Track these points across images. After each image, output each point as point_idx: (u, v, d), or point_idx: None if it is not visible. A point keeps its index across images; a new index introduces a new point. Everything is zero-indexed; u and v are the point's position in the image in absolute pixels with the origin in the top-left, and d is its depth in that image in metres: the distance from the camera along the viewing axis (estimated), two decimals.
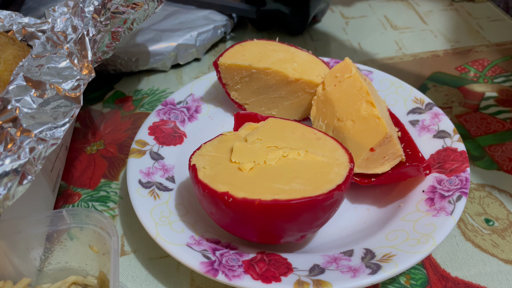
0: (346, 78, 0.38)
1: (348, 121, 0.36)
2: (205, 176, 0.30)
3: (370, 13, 0.63)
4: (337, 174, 0.30)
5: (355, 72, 0.38)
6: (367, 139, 0.35)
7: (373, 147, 0.34)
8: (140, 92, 0.51)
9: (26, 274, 0.31)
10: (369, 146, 0.34)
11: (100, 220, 0.29)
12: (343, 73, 0.39)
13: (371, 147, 0.34)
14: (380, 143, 0.34)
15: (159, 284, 0.33)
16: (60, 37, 0.35)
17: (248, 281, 0.29)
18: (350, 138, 0.36)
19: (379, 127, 0.35)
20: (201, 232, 0.33)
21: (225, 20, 0.57)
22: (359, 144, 0.35)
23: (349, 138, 0.36)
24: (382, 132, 0.34)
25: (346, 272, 0.29)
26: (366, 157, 0.35)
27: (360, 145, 0.35)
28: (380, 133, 0.34)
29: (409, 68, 0.53)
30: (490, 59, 0.53)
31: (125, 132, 0.46)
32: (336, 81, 0.38)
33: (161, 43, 0.53)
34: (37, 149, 0.28)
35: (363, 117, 0.36)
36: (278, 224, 0.29)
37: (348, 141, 0.36)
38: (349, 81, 0.38)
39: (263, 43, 0.43)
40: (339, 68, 0.39)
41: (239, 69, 0.41)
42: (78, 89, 0.32)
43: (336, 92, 0.38)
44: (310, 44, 0.58)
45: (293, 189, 0.29)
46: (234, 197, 0.28)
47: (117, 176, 0.42)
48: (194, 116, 0.44)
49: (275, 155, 0.31)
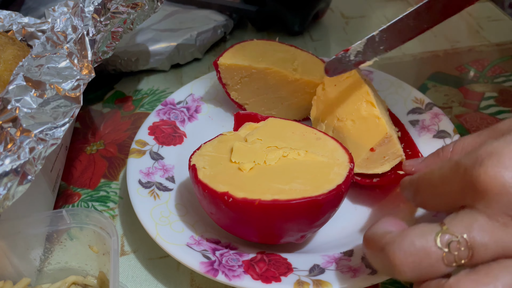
0: (346, 78, 0.38)
1: (348, 121, 0.36)
2: (205, 176, 0.30)
3: (370, 13, 0.63)
4: (337, 174, 0.30)
5: (355, 72, 0.38)
6: (367, 139, 0.35)
7: (373, 147, 0.34)
8: (140, 92, 0.51)
9: (26, 274, 0.31)
10: (369, 146, 0.34)
11: (100, 220, 0.29)
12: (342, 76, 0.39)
13: (371, 147, 0.34)
14: (380, 143, 0.34)
15: (159, 284, 0.33)
16: (60, 37, 0.35)
17: (248, 281, 0.29)
18: (350, 138, 0.36)
19: (379, 127, 0.35)
20: (201, 232, 0.33)
21: (225, 20, 0.57)
22: (359, 144, 0.35)
23: (349, 138, 0.36)
24: (382, 132, 0.34)
25: (346, 272, 0.29)
26: (366, 157, 0.35)
27: (360, 145, 0.35)
28: (380, 133, 0.34)
29: (409, 68, 0.53)
30: (490, 59, 0.53)
31: (125, 132, 0.46)
32: (336, 81, 0.38)
33: (161, 43, 0.53)
34: (37, 149, 0.28)
35: (363, 117, 0.35)
36: (278, 224, 0.29)
37: (348, 141, 0.36)
38: (349, 81, 0.38)
39: (263, 43, 0.43)
40: None
41: (239, 69, 0.41)
42: (78, 89, 0.32)
43: (336, 92, 0.38)
44: (310, 44, 0.58)
45: (293, 189, 0.29)
46: (234, 197, 0.28)
47: (117, 176, 0.42)
48: (194, 116, 0.44)
49: (275, 155, 0.31)
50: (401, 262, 0.22)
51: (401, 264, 0.22)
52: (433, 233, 0.22)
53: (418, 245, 0.22)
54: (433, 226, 0.23)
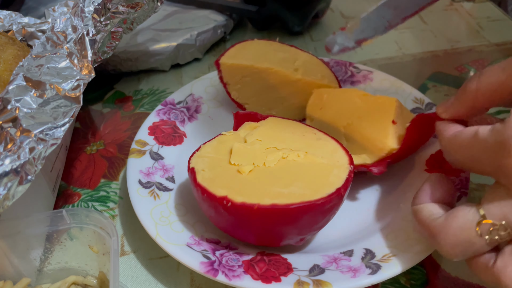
0: (326, 98, 0.39)
1: (354, 121, 0.36)
2: (204, 179, 0.30)
3: None
4: (337, 176, 0.30)
5: (330, 90, 0.39)
6: (382, 119, 0.35)
7: (393, 119, 0.34)
8: (140, 92, 0.51)
9: (26, 274, 0.31)
10: (390, 121, 0.34)
11: (100, 220, 0.29)
12: (320, 97, 0.39)
13: (392, 120, 0.34)
14: (396, 112, 0.34)
15: (159, 284, 0.33)
16: (60, 37, 0.35)
17: (248, 281, 0.29)
18: (365, 132, 0.35)
19: (385, 102, 0.35)
20: (201, 232, 0.33)
21: (225, 20, 0.57)
22: (378, 130, 0.35)
23: (365, 133, 0.35)
24: (392, 103, 0.35)
25: (346, 272, 0.29)
26: (395, 132, 0.34)
27: (380, 129, 0.35)
28: (391, 104, 0.35)
29: (409, 68, 0.53)
30: (490, 59, 0.53)
31: (125, 132, 0.46)
32: (319, 106, 0.39)
33: (161, 43, 0.53)
34: (37, 149, 0.28)
35: (365, 108, 0.36)
36: (277, 228, 0.29)
37: (365, 136, 0.35)
38: (331, 97, 0.39)
39: (264, 43, 0.43)
40: (314, 99, 0.40)
41: (240, 69, 0.41)
42: (78, 89, 0.32)
43: (326, 111, 0.38)
44: (310, 44, 0.58)
45: (292, 193, 0.28)
46: (233, 202, 0.28)
47: (117, 176, 0.42)
48: (194, 116, 0.44)
49: (274, 156, 0.31)
50: (448, 252, 0.25)
51: (449, 254, 0.25)
52: (473, 223, 0.24)
53: (462, 238, 0.24)
54: (471, 213, 0.24)
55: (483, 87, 0.27)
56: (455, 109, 0.29)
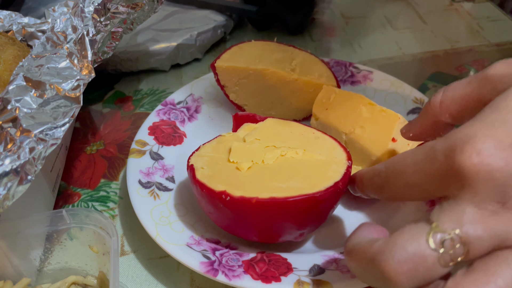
0: (333, 98, 0.39)
1: (356, 129, 0.36)
2: (203, 176, 0.30)
3: (370, 13, 0.63)
4: (335, 171, 0.30)
5: (339, 91, 0.39)
6: (384, 134, 0.35)
7: (394, 137, 0.34)
8: (140, 92, 0.51)
9: (26, 274, 0.31)
10: (390, 138, 0.34)
11: (100, 220, 0.29)
12: (328, 96, 0.39)
13: (392, 138, 0.34)
14: (398, 129, 0.34)
15: (159, 284, 0.33)
16: (60, 37, 0.35)
17: (248, 281, 0.29)
18: (366, 142, 0.35)
19: (389, 117, 0.35)
20: (201, 232, 0.33)
21: (225, 20, 0.57)
22: (378, 143, 0.35)
23: (366, 143, 0.35)
24: (394, 118, 0.35)
25: (346, 272, 0.29)
26: (392, 150, 0.34)
27: (380, 143, 0.35)
28: (393, 120, 0.35)
29: (409, 68, 0.53)
30: (490, 59, 0.53)
31: (125, 132, 0.46)
32: (325, 106, 0.39)
33: (161, 43, 0.53)
34: (37, 149, 0.28)
35: (369, 118, 0.36)
36: (276, 222, 0.29)
37: (366, 146, 0.35)
38: (338, 98, 0.38)
39: (261, 43, 0.43)
40: (323, 96, 0.40)
41: (236, 71, 0.41)
42: (78, 89, 0.32)
43: (331, 114, 0.38)
44: (310, 44, 0.58)
45: (290, 187, 0.29)
46: (231, 196, 0.28)
47: (117, 176, 0.42)
48: (194, 116, 0.44)
49: (273, 154, 0.31)
50: (396, 272, 0.20)
51: (396, 274, 0.20)
52: (423, 233, 0.20)
53: (411, 250, 0.20)
54: (421, 226, 0.21)
55: (447, 100, 0.26)
56: (419, 126, 0.28)
